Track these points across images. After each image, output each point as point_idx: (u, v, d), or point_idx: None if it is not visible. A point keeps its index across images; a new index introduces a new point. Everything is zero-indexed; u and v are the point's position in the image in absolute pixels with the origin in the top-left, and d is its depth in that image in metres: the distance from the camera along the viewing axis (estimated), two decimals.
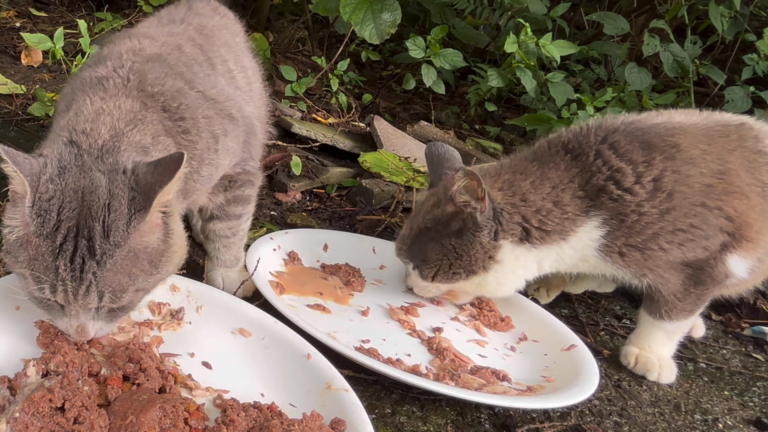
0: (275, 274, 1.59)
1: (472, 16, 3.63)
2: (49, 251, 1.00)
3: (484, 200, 1.47)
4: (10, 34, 2.77)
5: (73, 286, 1.00)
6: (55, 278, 1.00)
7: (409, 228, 1.59)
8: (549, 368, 1.48)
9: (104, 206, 1.01)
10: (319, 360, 1.24)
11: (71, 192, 1.01)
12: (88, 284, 1.01)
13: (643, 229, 1.47)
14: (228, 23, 1.62)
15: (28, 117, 2.14)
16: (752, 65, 3.09)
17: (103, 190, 1.02)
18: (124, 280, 1.03)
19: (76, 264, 1.00)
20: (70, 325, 1.05)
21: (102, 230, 1.01)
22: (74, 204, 1.01)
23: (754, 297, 2.03)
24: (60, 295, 1.01)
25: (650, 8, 3.47)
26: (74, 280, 1.00)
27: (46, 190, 1.01)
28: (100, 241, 1.00)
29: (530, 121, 3.02)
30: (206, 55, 1.37)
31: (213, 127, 1.27)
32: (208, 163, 1.27)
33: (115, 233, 1.01)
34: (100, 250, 1.00)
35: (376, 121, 2.55)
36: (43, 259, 1.00)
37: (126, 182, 1.03)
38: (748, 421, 1.52)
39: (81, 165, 1.04)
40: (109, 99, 1.14)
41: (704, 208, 1.47)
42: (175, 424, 0.99)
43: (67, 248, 1.00)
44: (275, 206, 2.07)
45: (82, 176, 1.03)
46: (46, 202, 1.01)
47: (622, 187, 1.47)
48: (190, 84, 1.26)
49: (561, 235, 1.51)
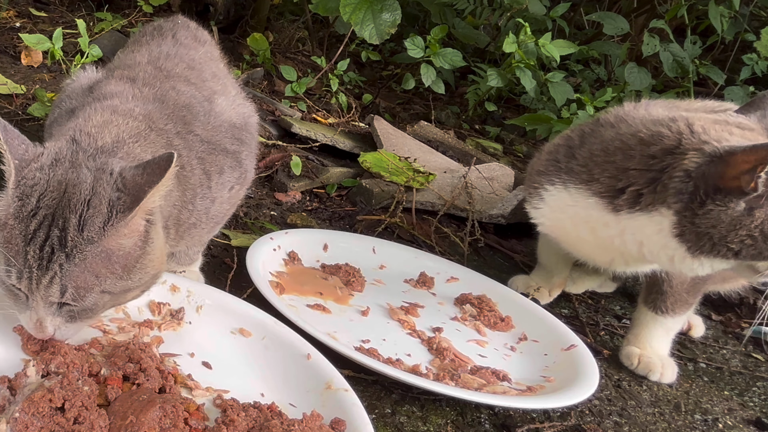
0: (275, 274, 1.59)
1: (472, 16, 3.63)
2: (22, 236, 1.00)
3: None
4: (10, 34, 2.77)
5: (37, 275, 0.99)
6: (23, 264, 1.00)
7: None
8: (549, 368, 1.48)
9: (84, 201, 1.01)
10: (319, 360, 1.24)
11: (55, 183, 1.02)
12: (52, 275, 0.99)
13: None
14: (210, 50, 1.62)
15: (28, 117, 2.14)
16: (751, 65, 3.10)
17: (86, 185, 1.02)
18: (91, 279, 1.01)
19: (44, 252, 0.99)
20: (30, 319, 1.04)
21: (77, 224, 1.00)
22: (55, 194, 1.01)
23: (754, 297, 2.03)
24: (24, 283, 1.00)
25: (650, 8, 3.47)
26: (40, 269, 0.99)
27: (33, 176, 1.02)
28: (73, 233, 1.00)
29: (530, 121, 3.02)
30: (201, 93, 1.37)
31: (205, 166, 1.28)
32: (202, 197, 1.27)
33: (90, 229, 1.00)
34: (71, 243, 0.99)
35: (376, 121, 2.55)
36: (15, 242, 1.00)
37: (111, 183, 1.03)
38: (748, 421, 1.52)
39: (73, 161, 1.05)
40: (119, 116, 1.16)
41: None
42: (175, 424, 0.99)
43: (39, 235, 0.99)
44: (275, 206, 2.07)
45: (70, 170, 1.03)
46: (29, 188, 1.01)
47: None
48: (188, 128, 1.27)
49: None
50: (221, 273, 1.62)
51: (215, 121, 1.35)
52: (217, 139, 1.33)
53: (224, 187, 1.34)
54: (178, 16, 1.67)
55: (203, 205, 1.29)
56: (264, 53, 2.96)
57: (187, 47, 1.51)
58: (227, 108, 1.40)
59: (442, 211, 2.16)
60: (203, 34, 1.66)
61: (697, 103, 1.69)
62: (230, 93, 1.49)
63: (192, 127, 1.28)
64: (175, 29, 1.57)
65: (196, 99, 1.34)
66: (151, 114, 1.21)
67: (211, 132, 1.32)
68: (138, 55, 1.43)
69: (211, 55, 1.60)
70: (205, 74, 1.46)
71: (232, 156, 1.35)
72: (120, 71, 1.35)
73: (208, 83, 1.43)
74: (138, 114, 1.19)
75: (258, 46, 2.96)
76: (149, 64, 1.38)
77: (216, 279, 1.57)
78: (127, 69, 1.36)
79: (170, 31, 1.56)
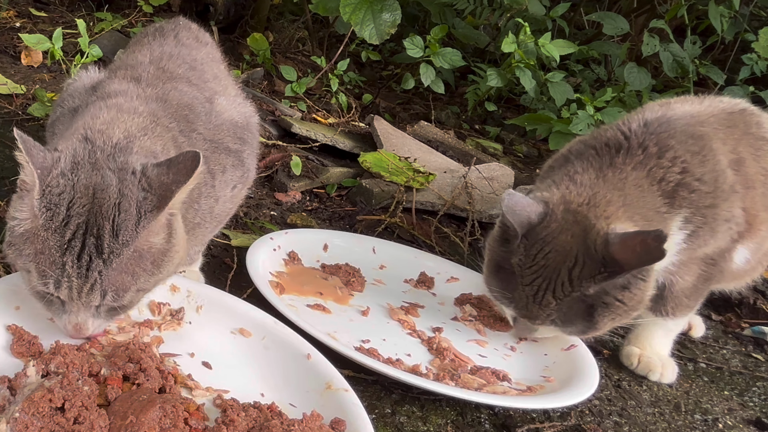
0: (275, 274, 1.59)
1: (472, 16, 3.63)
2: (57, 246, 1.00)
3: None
4: (10, 34, 2.77)
5: (78, 283, 1.01)
6: (61, 274, 1.01)
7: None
8: (549, 368, 1.48)
9: (114, 205, 1.02)
10: (319, 360, 1.24)
11: (82, 188, 1.02)
12: (93, 282, 1.01)
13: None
14: (211, 52, 1.62)
15: (28, 117, 2.14)
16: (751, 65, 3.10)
17: (113, 189, 1.02)
18: (128, 280, 1.04)
19: (83, 261, 1.00)
20: (69, 322, 1.06)
21: (111, 229, 1.01)
22: (84, 200, 1.01)
23: (754, 297, 2.03)
24: (64, 292, 1.02)
25: (650, 8, 3.47)
26: (80, 278, 1.01)
27: (57, 184, 1.02)
28: (109, 240, 1.01)
29: (530, 121, 3.02)
30: (203, 94, 1.38)
31: (209, 165, 1.29)
32: (206, 196, 1.28)
33: (125, 233, 1.01)
34: (108, 249, 1.01)
35: (376, 121, 2.55)
36: (50, 253, 1.00)
37: (135, 183, 1.04)
38: (748, 421, 1.52)
39: (94, 162, 1.05)
40: (124, 113, 1.17)
41: (737, 195, 1.46)
42: (175, 424, 0.99)
43: (76, 245, 1.00)
44: (275, 206, 2.07)
45: (94, 173, 1.03)
46: (56, 196, 1.01)
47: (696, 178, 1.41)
48: (191, 126, 1.28)
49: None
50: (221, 273, 1.62)
51: (217, 120, 1.35)
52: (220, 138, 1.34)
53: (227, 186, 1.35)
54: (179, 18, 1.67)
55: (207, 204, 1.30)
56: (264, 53, 2.96)
57: (188, 48, 1.52)
58: (228, 107, 1.41)
59: (442, 211, 2.16)
60: (204, 35, 1.67)
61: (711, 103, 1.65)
62: (230, 94, 1.50)
63: (195, 126, 1.29)
64: (177, 30, 1.57)
65: (198, 100, 1.34)
66: (156, 112, 1.22)
67: (213, 131, 1.33)
68: (140, 55, 1.43)
69: (213, 56, 1.61)
70: (207, 75, 1.46)
71: (234, 155, 1.36)
72: (123, 71, 1.35)
73: (209, 84, 1.43)
74: (143, 112, 1.20)
75: (258, 46, 2.96)
76: (151, 64, 1.38)
77: (216, 279, 1.57)
78: (130, 69, 1.36)
79: (172, 32, 1.56)
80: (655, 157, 1.42)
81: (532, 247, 1.37)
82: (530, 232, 1.37)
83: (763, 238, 1.55)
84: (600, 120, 2.68)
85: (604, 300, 1.34)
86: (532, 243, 1.37)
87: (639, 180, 1.41)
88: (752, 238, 1.52)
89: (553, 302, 1.35)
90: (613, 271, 1.30)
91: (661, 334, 1.61)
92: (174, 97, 1.30)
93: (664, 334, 1.61)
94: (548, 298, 1.35)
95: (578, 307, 1.36)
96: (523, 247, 1.38)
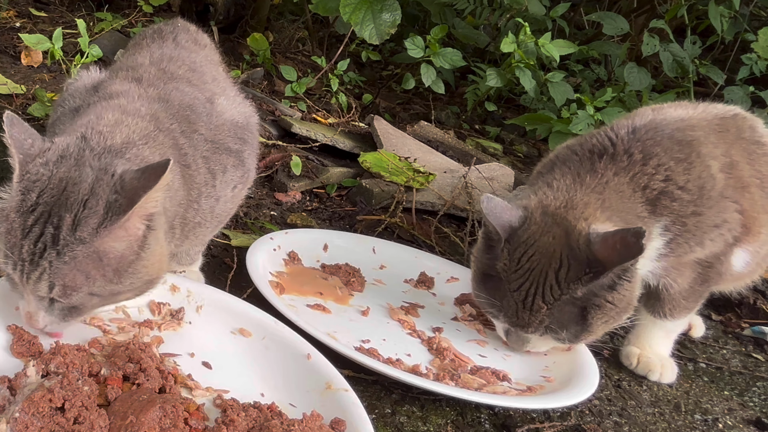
0: (275, 274, 1.59)
1: (471, 16, 3.63)
2: (20, 229, 1.02)
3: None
4: (10, 34, 2.77)
5: (28, 269, 1.02)
6: (18, 257, 1.02)
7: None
8: (549, 368, 1.48)
9: (81, 201, 1.02)
10: (319, 360, 1.24)
11: (56, 180, 1.04)
12: (42, 271, 1.02)
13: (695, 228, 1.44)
14: (209, 54, 1.63)
15: (28, 117, 2.14)
16: (750, 65, 3.09)
17: (86, 185, 1.03)
18: (80, 279, 1.03)
19: (37, 248, 1.01)
20: (23, 309, 1.08)
21: (71, 223, 1.01)
22: (55, 191, 1.03)
23: (754, 297, 2.03)
24: (17, 275, 1.03)
25: (650, 8, 3.47)
26: (32, 264, 1.02)
27: (36, 172, 1.04)
28: (66, 232, 1.01)
29: (530, 120, 3.02)
30: (203, 95, 1.38)
31: (210, 165, 1.30)
32: (207, 196, 1.29)
33: (83, 229, 1.01)
34: (63, 242, 1.01)
35: (376, 121, 2.55)
36: (13, 235, 1.02)
37: (111, 184, 1.04)
38: (748, 421, 1.52)
39: (79, 159, 1.06)
40: (128, 116, 1.17)
41: (728, 200, 1.46)
42: (175, 424, 0.99)
43: (35, 231, 1.02)
44: (275, 206, 2.07)
45: (73, 168, 1.05)
46: (31, 183, 1.03)
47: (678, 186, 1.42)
48: (192, 127, 1.28)
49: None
50: (221, 273, 1.62)
51: (217, 120, 1.35)
52: (221, 138, 1.34)
53: (228, 186, 1.35)
54: (177, 19, 1.67)
55: (208, 203, 1.30)
56: (264, 53, 2.96)
57: (188, 50, 1.52)
58: (229, 107, 1.41)
59: (442, 211, 2.16)
60: (203, 37, 1.67)
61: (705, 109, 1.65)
62: (230, 95, 1.50)
63: (196, 127, 1.29)
64: (176, 33, 1.57)
65: (199, 100, 1.35)
66: (157, 113, 1.22)
67: (214, 131, 1.33)
68: (140, 57, 1.44)
69: (211, 58, 1.61)
70: (206, 77, 1.47)
71: (235, 155, 1.36)
72: (124, 72, 1.36)
73: (208, 85, 1.44)
74: (145, 114, 1.20)
75: (258, 46, 2.96)
76: (152, 65, 1.39)
77: (216, 279, 1.57)
78: (130, 71, 1.36)
79: (170, 34, 1.56)
80: (639, 164, 1.43)
81: (516, 250, 1.38)
82: (512, 236, 1.38)
83: (763, 241, 1.55)
84: (600, 120, 2.68)
85: (594, 302, 1.34)
86: (515, 246, 1.38)
87: (620, 186, 1.42)
88: (752, 242, 1.52)
89: (544, 307, 1.35)
90: (597, 271, 1.31)
91: (661, 334, 1.61)
92: (175, 97, 1.30)
93: (664, 334, 1.61)
94: (538, 303, 1.36)
95: (570, 310, 1.36)
96: (507, 251, 1.38)
